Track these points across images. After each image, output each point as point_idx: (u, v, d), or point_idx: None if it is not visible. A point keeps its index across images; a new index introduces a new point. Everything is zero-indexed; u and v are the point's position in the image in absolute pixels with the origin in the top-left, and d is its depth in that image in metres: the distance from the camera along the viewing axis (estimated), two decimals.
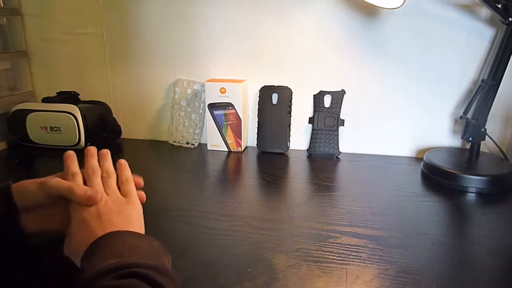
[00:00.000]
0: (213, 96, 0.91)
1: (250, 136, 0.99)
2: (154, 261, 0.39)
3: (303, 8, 0.88)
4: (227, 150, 0.95)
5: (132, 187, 0.51)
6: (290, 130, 0.94)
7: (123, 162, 0.54)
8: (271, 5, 0.89)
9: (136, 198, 0.50)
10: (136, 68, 1.00)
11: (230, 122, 0.92)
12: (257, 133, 0.96)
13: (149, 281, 0.35)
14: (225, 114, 0.92)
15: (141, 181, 0.54)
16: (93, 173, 0.51)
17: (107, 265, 0.36)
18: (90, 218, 0.45)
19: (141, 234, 0.45)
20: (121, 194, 0.50)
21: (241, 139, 0.94)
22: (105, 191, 0.49)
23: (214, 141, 0.95)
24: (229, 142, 0.94)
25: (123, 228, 0.44)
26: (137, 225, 0.47)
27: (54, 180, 0.49)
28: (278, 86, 0.93)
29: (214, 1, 0.92)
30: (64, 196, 0.48)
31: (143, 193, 0.53)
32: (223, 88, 0.90)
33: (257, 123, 0.95)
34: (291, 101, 0.93)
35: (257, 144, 0.96)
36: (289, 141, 0.94)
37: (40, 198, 0.48)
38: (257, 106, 0.95)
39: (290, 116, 0.94)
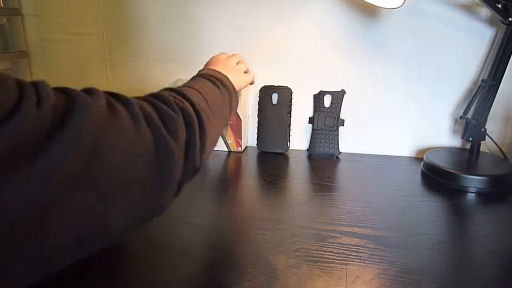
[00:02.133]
0: None
1: (250, 136, 0.99)
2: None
3: (304, 8, 0.88)
4: (227, 150, 0.94)
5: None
6: (290, 130, 0.94)
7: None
8: (272, 5, 0.89)
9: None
10: (136, 68, 1.00)
11: (230, 122, 0.91)
12: (257, 133, 0.96)
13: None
14: None
15: None
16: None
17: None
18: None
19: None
20: None
21: (241, 139, 0.93)
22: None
23: None
24: (229, 142, 0.94)
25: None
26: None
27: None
28: (278, 86, 0.93)
29: (214, 1, 0.92)
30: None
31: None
32: None
33: (257, 123, 0.95)
34: (291, 101, 0.93)
35: (257, 144, 0.96)
36: (289, 141, 0.94)
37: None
38: (257, 106, 0.95)
39: (290, 116, 0.94)
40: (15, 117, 0.24)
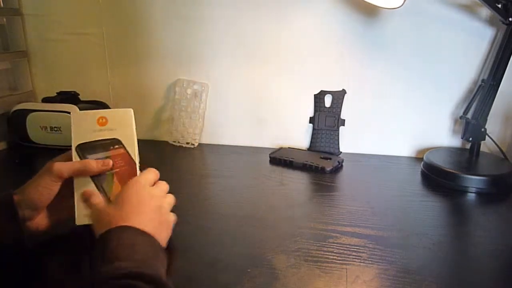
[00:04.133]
0: (85, 132, 0.54)
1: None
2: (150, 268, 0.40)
3: (304, 8, 0.88)
4: None
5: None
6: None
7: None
8: (272, 5, 0.89)
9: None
10: (136, 68, 1.00)
11: (117, 170, 0.55)
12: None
13: None
14: (108, 158, 0.54)
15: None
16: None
17: (104, 271, 0.38)
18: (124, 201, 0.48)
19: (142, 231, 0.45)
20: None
21: None
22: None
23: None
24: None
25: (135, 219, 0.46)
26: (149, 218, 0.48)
27: (63, 163, 0.51)
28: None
29: (214, 2, 0.92)
30: (77, 174, 0.51)
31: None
32: (102, 117, 0.56)
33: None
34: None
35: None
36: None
37: (52, 187, 0.50)
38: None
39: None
40: None
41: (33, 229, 0.50)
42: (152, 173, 0.54)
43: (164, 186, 0.54)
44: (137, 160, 0.56)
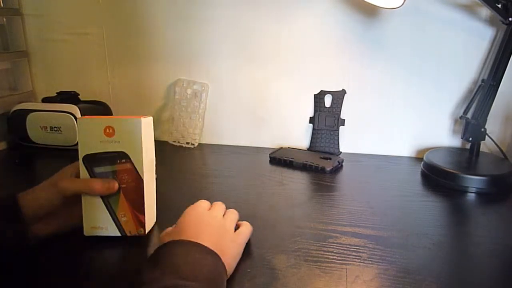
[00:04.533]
0: (92, 141, 0.52)
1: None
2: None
3: (304, 8, 0.88)
4: (118, 234, 0.54)
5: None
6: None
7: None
8: (272, 5, 0.89)
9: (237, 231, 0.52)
10: (136, 68, 1.00)
11: (123, 186, 0.53)
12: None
13: None
14: (114, 172, 0.53)
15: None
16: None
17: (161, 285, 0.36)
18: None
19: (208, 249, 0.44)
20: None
21: (143, 214, 0.54)
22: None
23: (94, 219, 0.54)
24: (122, 220, 0.54)
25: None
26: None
27: (68, 181, 0.50)
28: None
29: (214, 2, 0.92)
30: (80, 193, 0.51)
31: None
32: (109, 127, 0.52)
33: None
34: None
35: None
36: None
37: (54, 201, 0.50)
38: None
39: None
40: None
41: (37, 232, 0.50)
42: (218, 206, 0.54)
43: (223, 207, 0.55)
44: (145, 175, 0.54)
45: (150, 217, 0.57)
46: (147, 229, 0.55)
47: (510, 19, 0.73)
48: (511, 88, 0.83)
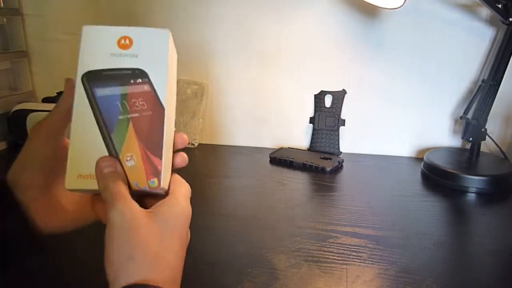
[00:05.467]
0: (98, 55, 0.37)
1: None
2: None
3: (304, 8, 0.88)
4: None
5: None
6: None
7: None
8: (272, 5, 0.89)
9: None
10: None
11: (135, 115, 0.36)
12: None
13: None
14: (123, 96, 0.36)
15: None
16: None
17: None
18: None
19: None
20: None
21: (160, 158, 0.35)
22: None
23: (84, 163, 0.35)
24: (127, 165, 0.35)
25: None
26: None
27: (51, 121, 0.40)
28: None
29: (214, 2, 0.92)
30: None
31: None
32: (125, 37, 0.37)
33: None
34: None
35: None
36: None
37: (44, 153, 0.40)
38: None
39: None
40: None
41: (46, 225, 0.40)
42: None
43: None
44: (167, 105, 0.37)
45: (167, 167, 0.37)
46: (163, 183, 0.35)
47: (510, 19, 0.73)
48: (511, 88, 0.83)
